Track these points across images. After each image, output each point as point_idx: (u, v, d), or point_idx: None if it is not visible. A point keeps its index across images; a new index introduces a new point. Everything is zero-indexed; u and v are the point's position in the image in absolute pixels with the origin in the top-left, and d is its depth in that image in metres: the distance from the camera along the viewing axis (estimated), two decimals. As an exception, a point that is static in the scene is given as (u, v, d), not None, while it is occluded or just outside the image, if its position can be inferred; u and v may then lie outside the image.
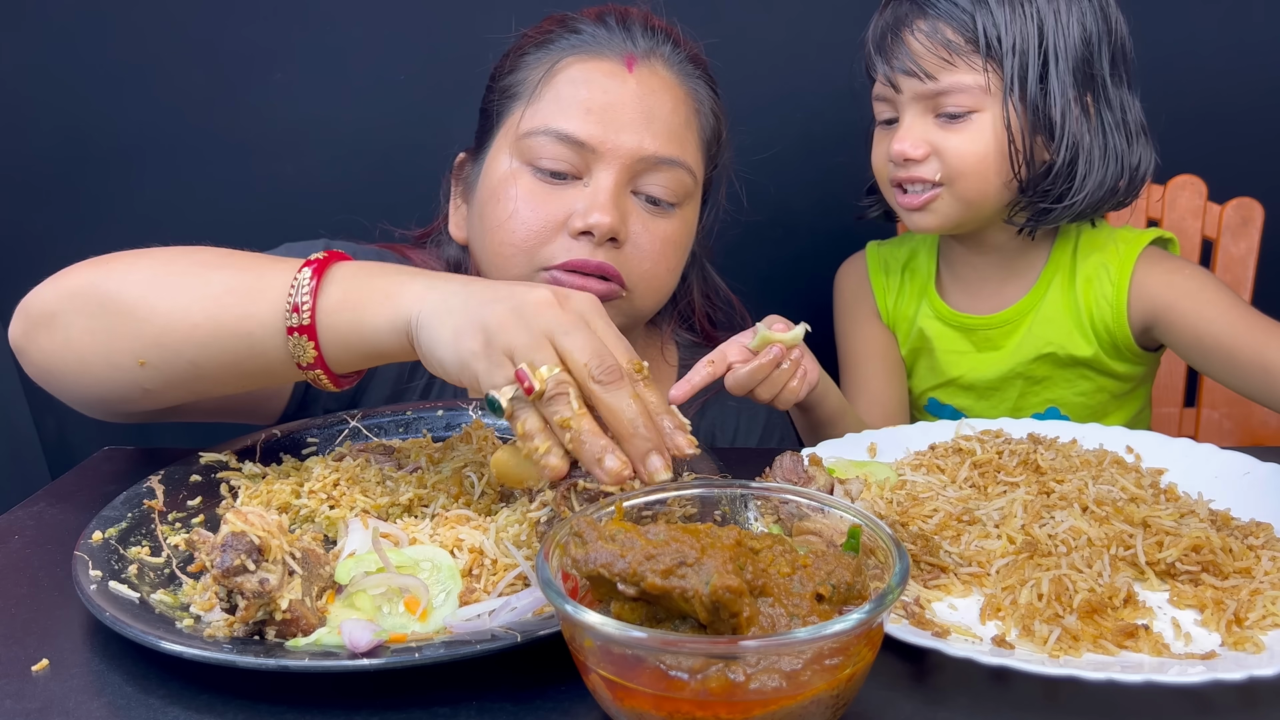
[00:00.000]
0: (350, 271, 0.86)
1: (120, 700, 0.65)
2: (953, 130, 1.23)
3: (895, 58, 1.24)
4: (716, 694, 0.53)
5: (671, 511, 0.70)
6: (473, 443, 0.98)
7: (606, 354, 0.74)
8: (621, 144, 1.09)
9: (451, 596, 0.73)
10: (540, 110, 1.12)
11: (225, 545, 0.67)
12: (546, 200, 1.10)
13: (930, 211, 1.27)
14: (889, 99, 1.28)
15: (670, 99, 1.13)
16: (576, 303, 0.78)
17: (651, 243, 1.13)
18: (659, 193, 1.13)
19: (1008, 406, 1.37)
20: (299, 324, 0.84)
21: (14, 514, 0.94)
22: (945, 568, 0.78)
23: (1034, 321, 1.34)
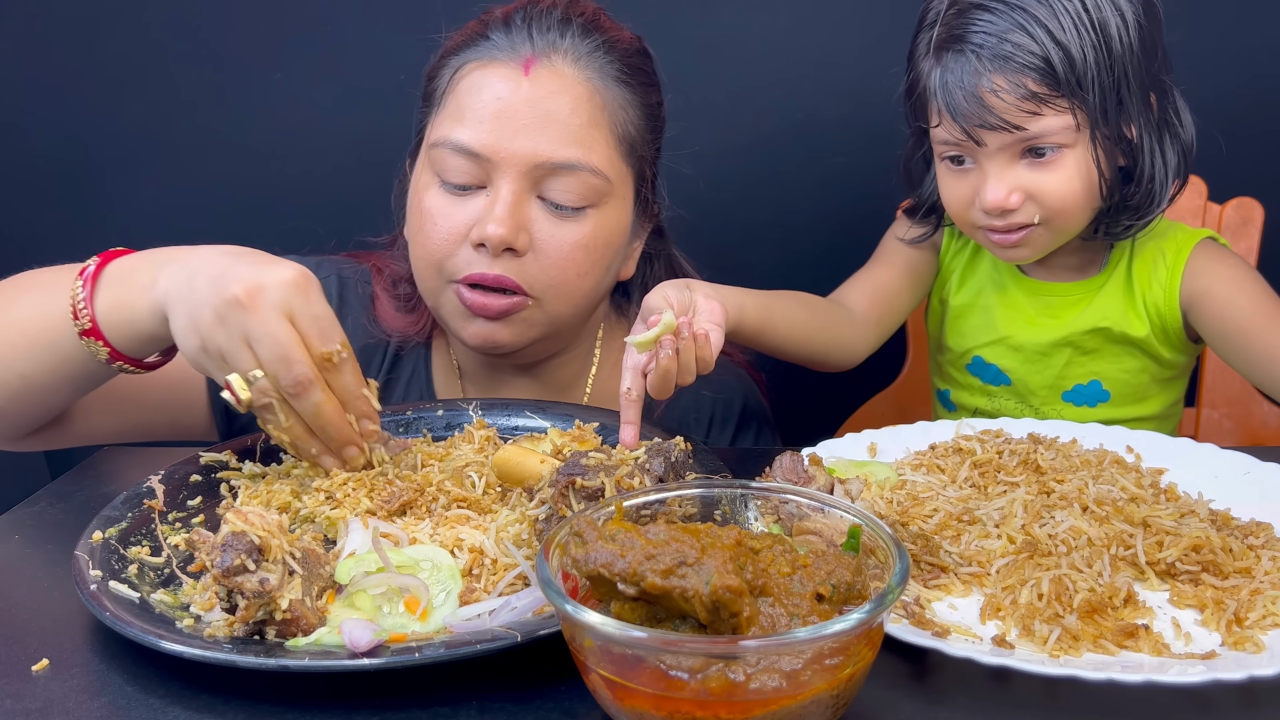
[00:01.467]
0: (120, 269, 0.93)
1: (120, 700, 0.65)
2: (1044, 170, 1.19)
3: (974, 116, 1.18)
4: (716, 694, 0.53)
5: (671, 511, 0.70)
6: (474, 442, 0.98)
7: (292, 359, 0.83)
8: (516, 151, 1.07)
9: (451, 596, 0.73)
10: (442, 120, 1.11)
11: (225, 545, 0.67)
12: (451, 212, 1.09)
13: (1026, 245, 1.25)
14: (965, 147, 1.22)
15: (570, 99, 1.09)
16: (271, 295, 0.84)
17: (559, 249, 1.09)
18: (562, 198, 1.09)
19: (1053, 373, 1.35)
20: (83, 328, 0.92)
21: (14, 514, 0.94)
22: (945, 568, 0.78)
23: (1098, 299, 1.33)
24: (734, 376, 1.31)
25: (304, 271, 0.86)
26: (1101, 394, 1.34)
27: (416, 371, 1.24)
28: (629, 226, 1.18)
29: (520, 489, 0.85)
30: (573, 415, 1.05)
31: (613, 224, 1.14)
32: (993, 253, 1.30)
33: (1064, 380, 1.35)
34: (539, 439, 0.99)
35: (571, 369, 1.26)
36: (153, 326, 0.90)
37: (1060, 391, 1.35)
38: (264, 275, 0.84)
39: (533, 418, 1.06)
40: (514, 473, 0.87)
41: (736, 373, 1.32)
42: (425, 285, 1.13)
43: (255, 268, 0.85)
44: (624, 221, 1.16)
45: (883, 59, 1.77)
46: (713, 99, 1.75)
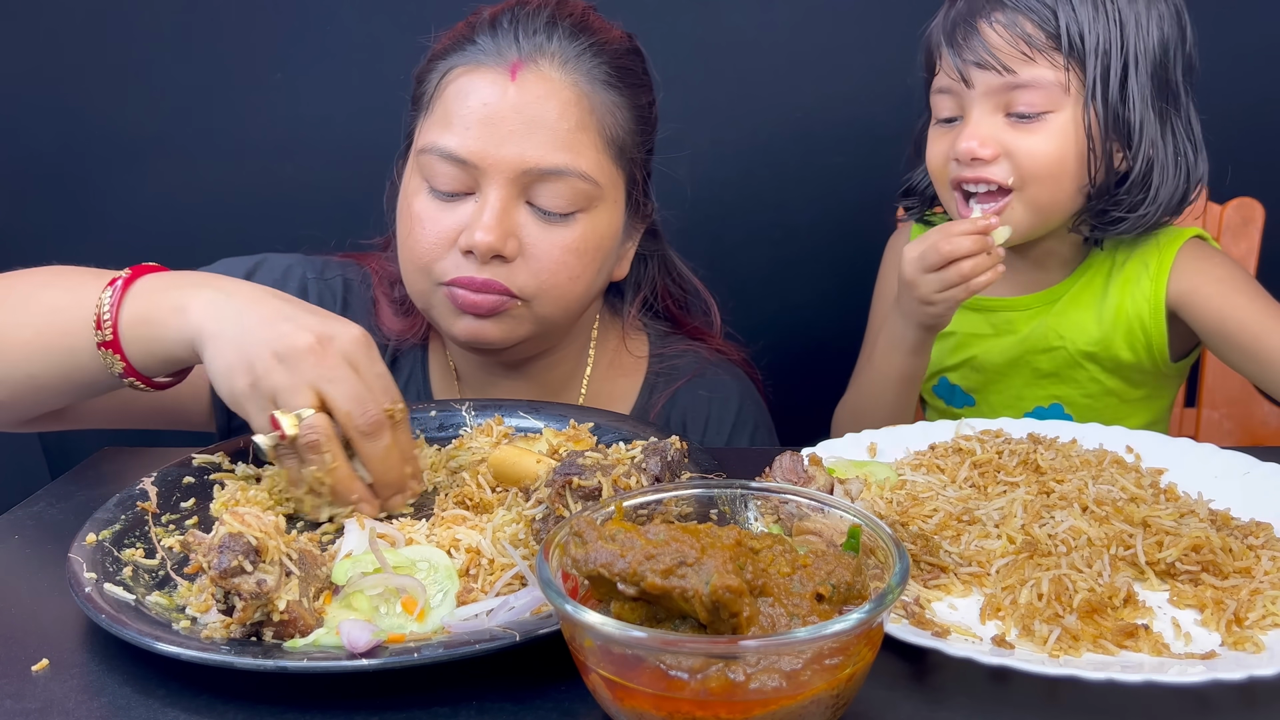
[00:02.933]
0: (150, 285, 0.92)
1: (120, 701, 0.65)
2: (1025, 130, 1.18)
3: (968, 49, 1.18)
4: (716, 694, 0.53)
5: (667, 511, 0.70)
6: (492, 435, 0.99)
7: (369, 401, 0.85)
8: (503, 158, 1.06)
9: (449, 596, 0.73)
10: (430, 126, 1.11)
11: (223, 546, 0.66)
12: (439, 218, 1.09)
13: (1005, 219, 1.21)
14: (955, 93, 1.22)
15: (557, 104, 1.08)
16: (340, 345, 0.85)
17: (549, 253, 1.09)
18: (551, 204, 1.08)
19: (1012, 394, 1.34)
20: (103, 340, 0.91)
21: (14, 514, 0.93)
22: (945, 568, 0.78)
23: (1054, 313, 1.31)
24: (731, 376, 1.30)
25: (365, 332, 0.88)
26: (1063, 418, 1.31)
27: (414, 374, 1.24)
28: (620, 229, 1.18)
29: (516, 489, 0.85)
30: (567, 415, 1.05)
31: (603, 227, 1.13)
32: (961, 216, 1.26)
33: (1023, 401, 1.33)
34: (534, 439, 0.99)
35: (565, 369, 1.26)
36: (177, 350, 0.90)
37: (1020, 414, 1.33)
38: (331, 328, 0.86)
39: (526, 418, 1.06)
40: (510, 473, 0.87)
41: (734, 372, 1.32)
42: (414, 288, 1.14)
43: (320, 319, 0.87)
44: (615, 224, 1.16)
45: (883, 59, 1.77)
46: (712, 99, 1.75)
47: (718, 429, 1.26)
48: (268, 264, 1.24)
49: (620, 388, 1.28)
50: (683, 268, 1.33)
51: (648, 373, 1.28)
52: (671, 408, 1.26)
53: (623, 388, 1.28)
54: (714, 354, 1.31)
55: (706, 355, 1.30)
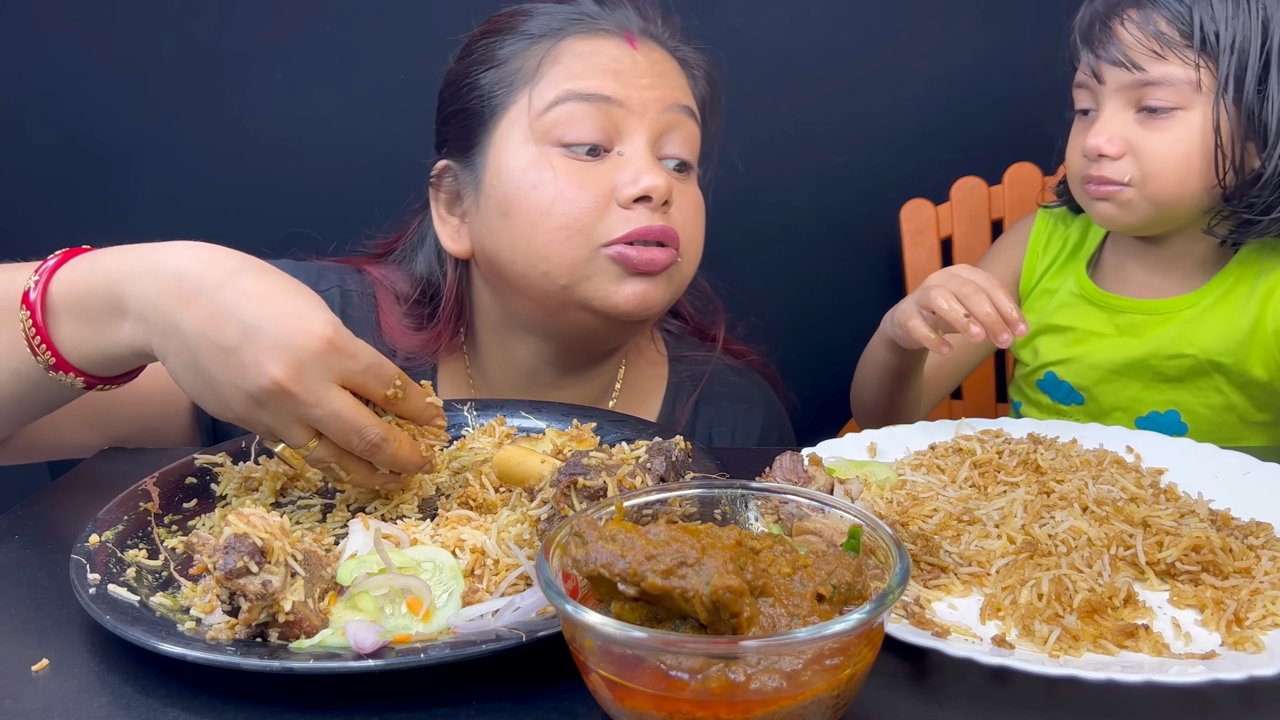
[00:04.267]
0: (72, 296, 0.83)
1: (120, 701, 0.65)
2: (1154, 127, 1.18)
3: (1102, 47, 1.19)
4: (717, 694, 0.53)
5: (672, 511, 0.70)
6: (494, 436, 0.99)
7: (361, 427, 0.78)
8: (648, 96, 1.08)
9: (454, 597, 0.73)
10: (553, 84, 1.08)
11: (228, 547, 0.66)
12: (587, 176, 1.06)
13: (1115, 204, 1.22)
14: (1089, 89, 1.23)
15: (672, 69, 1.13)
16: (313, 373, 0.76)
17: (688, 205, 1.12)
18: (680, 151, 1.11)
19: (1128, 396, 1.30)
20: (48, 365, 0.85)
21: (14, 514, 0.93)
22: (945, 568, 0.78)
23: (1187, 319, 1.27)
24: (752, 384, 1.30)
25: (328, 323, 0.77)
26: (1178, 427, 1.28)
27: None
28: None
29: (521, 489, 0.85)
30: (569, 415, 1.05)
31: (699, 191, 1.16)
32: (1089, 211, 1.28)
33: (1139, 405, 1.30)
34: (538, 439, 0.99)
35: (609, 375, 1.24)
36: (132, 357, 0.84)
37: (1134, 416, 1.30)
38: (294, 346, 0.75)
39: (528, 418, 1.06)
40: (514, 473, 0.87)
41: (754, 379, 1.31)
42: (564, 259, 1.05)
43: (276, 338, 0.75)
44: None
45: (883, 59, 1.78)
46: (712, 99, 1.75)
47: (745, 440, 1.26)
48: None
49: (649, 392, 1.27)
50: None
51: (670, 378, 1.28)
52: (696, 419, 1.25)
53: (651, 392, 1.27)
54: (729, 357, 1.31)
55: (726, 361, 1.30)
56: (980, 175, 1.77)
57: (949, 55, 1.76)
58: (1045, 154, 1.73)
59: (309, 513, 0.89)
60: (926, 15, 1.75)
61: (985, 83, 1.77)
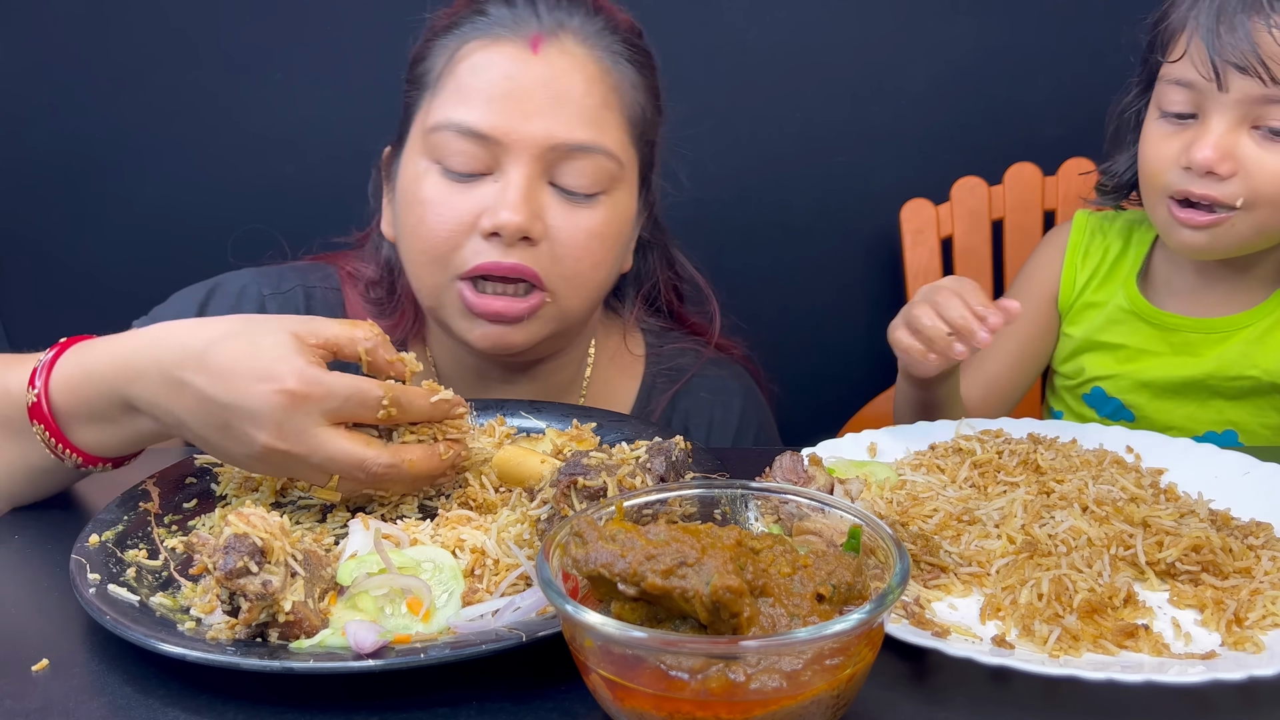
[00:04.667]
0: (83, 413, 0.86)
1: (120, 701, 0.65)
2: (1272, 148, 1.06)
3: (1232, 47, 1.03)
4: (717, 694, 0.53)
5: (672, 511, 0.70)
6: (494, 436, 0.98)
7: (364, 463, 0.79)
8: (528, 133, 1.00)
9: (454, 597, 0.73)
10: (443, 102, 1.04)
11: (228, 547, 0.66)
12: (455, 201, 1.02)
13: (1211, 234, 1.10)
14: (1197, 89, 1.08)
15: (582, 79, 1.03)
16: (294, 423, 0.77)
17: (573, 237, 1.04)
18: (577, 183, 1.03)
19: (1185, 414, 1.23)
20: (77, 464, 0.88)
21: (14, 514, 0.93)
22: (945, 568, 0.78)
23: (1248, 338, 1.19)
24: (732, 376, 1.27)
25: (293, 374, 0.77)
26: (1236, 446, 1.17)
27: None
28: (635, 214, 1.14)
29: (521, 489, 0.85)
30: (569, 415, 1.05)
31: (623, 211, 1.09)
32: (1168, 236, 1.16)
33: (1194, 424, 1.22)
34: (538, 439, 0.99)
35: (567, 373, 1.22)
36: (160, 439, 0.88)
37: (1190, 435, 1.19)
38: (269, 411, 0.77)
39: (528, 418, 1.06)
40: (514, 473, 0.87)
41: (734, 371, 1.28)
42: (425, 283, 1.07)
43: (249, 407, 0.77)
44: (632, 209, 1.12)
45: (883, 59, 1.78)
46: (712, 99, 1.75)
47: (721, 432, 1.24)
48: (221, 289, 1.18)
49: (620, 389, 1.24)
50: (684, 260, 1.29)
51: (645, 373, 1.25)
52: (672, 411, 1.22)
53: (622, 389, 1.24)
54: (713, 351, 1.27)
55: (706, 353, 1.26)
56: (981, 175, 1.76)
57: (949, 55, 1.76)
58: (1046, 154, 1.73)
59: (309, 513, 0.89)
60: (926, 15, 1.75)
61: (985, 83, 1.77)
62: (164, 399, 0.81)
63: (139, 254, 1.81)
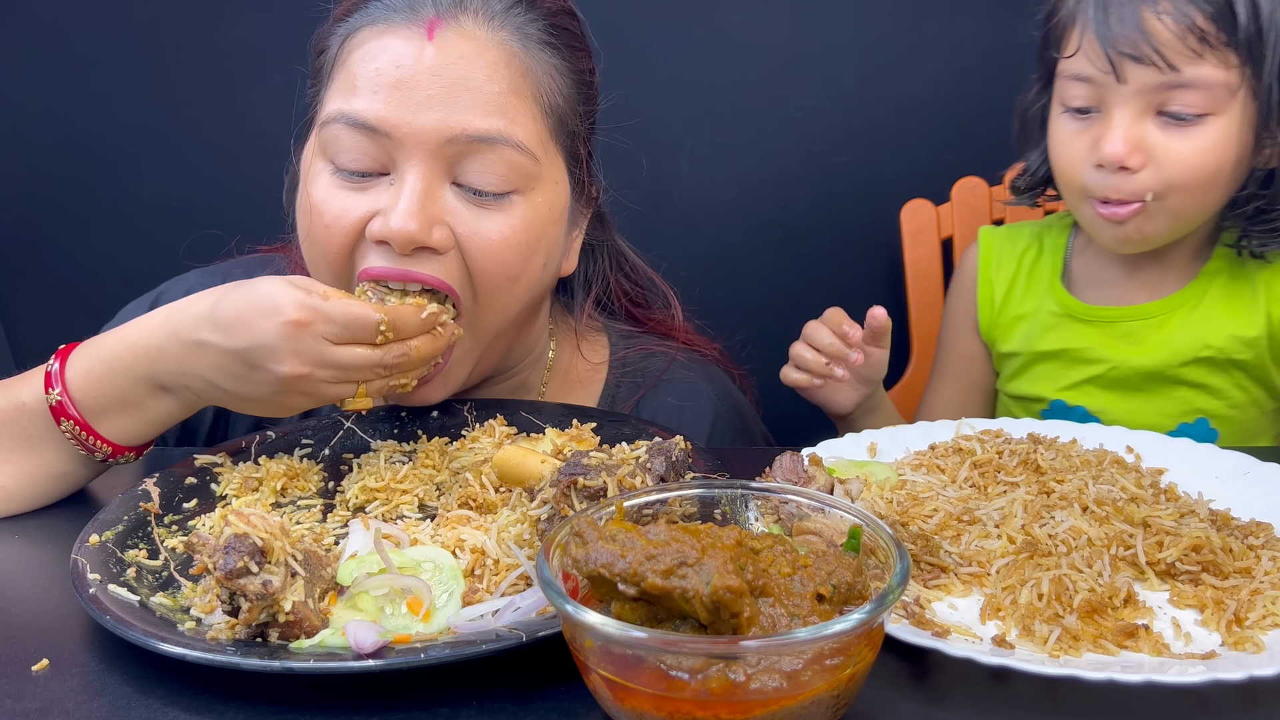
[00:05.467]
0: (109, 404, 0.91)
1: (120, 700, 0.65)
2: (1177, 135, 1.04)
3: (1125, 39, 1.02)
4: (717, 694, 0.53)
5: (672, 511, 0.70)
6: (494, 436, 0.98)
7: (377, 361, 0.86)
8: (421, 126, 0.90)
9: (454, 597, 0.73)
10: (333, 94, 0.96)
11: (228, 547, 0.66)
12: (345, 204, 0.94)
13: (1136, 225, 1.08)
14: (1097, 84, 1.07)
15: (485, 64, 0.93)
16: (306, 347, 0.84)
17: (489, 243, 0.94)
18: (483, 181, 0.93)
19: (1153, 409, 1.20)
20: (105, 455, 0.93)
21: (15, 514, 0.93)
22: (945, 568, 0.78)
23: (1188, 319, 1.18)
24: (704, 378, 1.18)
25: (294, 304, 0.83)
26: (1209, 434, 1.19)
27: None
28: (564, 214, 1.03)
29: (521, 489, 0.85)
30: (569, 415, 1.05)
31: (544, 211, 0.98)
32: (1097, 235, 1.15)
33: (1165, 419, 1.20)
34: (538, 439, 0.99)
35: (518, 379, 1.14)
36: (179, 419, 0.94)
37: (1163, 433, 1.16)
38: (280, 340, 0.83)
39: (529, 418, 1.05)
40: (515, 473, 0.87)
41: (707, 373, 1.19)
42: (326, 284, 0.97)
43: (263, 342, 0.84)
44: (558, 209, 1.01)
45: (883, 59, 1.78)
46: (712, 99, 1.75)
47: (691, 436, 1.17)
48: (167, 295, 1.14)
49: (578, 398, 1.17)
50: (635, 259, 1.21)
51: (608, 380, 1.17)
52: (639, 414, 1.14)
53: (580, 398, 1.17)
54: (685, 352, 1.19)
55: (676, 355, 1.18)
56: (981, 175, 1.76)
57: (950, 55, 1.76)
58: (1045, 154, 1.73)
59: (309, 513, 0.89)
60: (927, 15, 1.75)
61: (986, 83, 1.76)
62: (189, 364, 0.87)
63: (140, 254, 1.81)
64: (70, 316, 1.70)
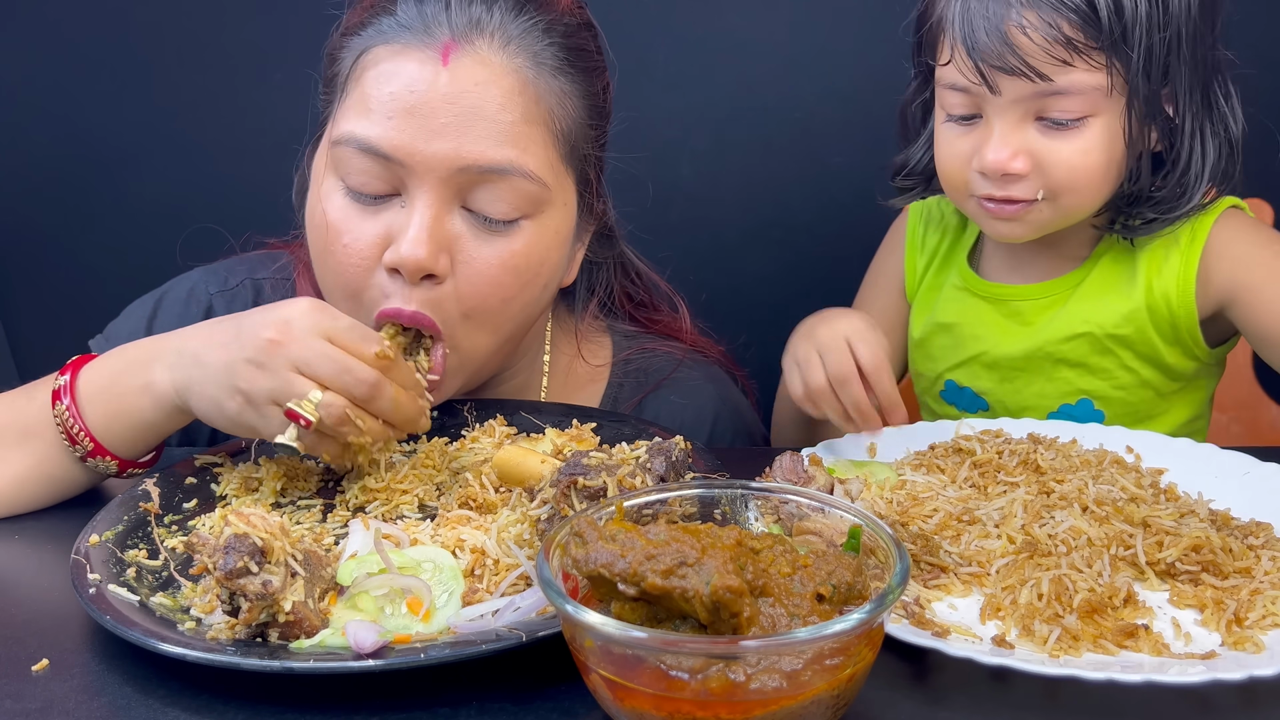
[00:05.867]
0: (99, 382, 0.91)
1: (120, 700, 0.65)
2: (1059, 138, 1.04)
3: (993, 53, 1.01)
4: (717, 694, 0.53)
5: (672, 511, 0.70)
6: (494, 436, 0.98)
7: (353, 367, 0.83)
8: (433, 155, 0.91)
9: (454, 597, 0.73)
10: (346, 112, 0.95)
11: (228, 547, 0.66)
12: (361, 227, 0.94)
13: (1021, 221, 1.09)
14: (971, 93, 1.06)
15: (499, 92, 0.93)
16: (299, 323, 0.83)
17: (487, 268, 0.94)
18: (492, 209, 0.94)
19: (1034, 391, 1.21)
20: (86, 451, 0.91)
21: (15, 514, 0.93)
22: (945, 568, 0.78)
23: (1075, 297, 1.18)
24: (706, 379, 1.19)
25: (309, 299, 0.86)
26: (1094, 414, 1.20)
27: None
28: (570, 235, 1.04)
29: (521, 489, 0.85)
30: (569, 415, 1.05)
31: (550, 236, 0.99)
32: (983, 227, 1.16)
33: (1046, 400, 1.21)
34: (538, 439, 0.99)
35: (517, 381, 1.14)
36: (162, 423, 0.91)
37: (1045, 414, 1.19)
38: (282, 312, 0.84)
39: (529, 418, 1.05)
40: (515, 473, 0.87)
41: (710, 373, 1.20)
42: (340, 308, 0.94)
43: (266, 312, 0.85)
44: (564, 231, 1.02)
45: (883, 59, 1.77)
46: (712, 99, 1.75)
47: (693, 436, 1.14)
48: (171, 294, 1.15)
49: (580, 398, 1.17)
50: (641, 266, 1.21)
51: (610, 381, 1.17)
52: (640, 414, 1.14)
53: (583, 398, 1.17)
54: (688, 352, 1.20)
55: (679, 355, 1.19)
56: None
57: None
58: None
59: (309, 513, 0.89)
60: (927, 15, 1.75)
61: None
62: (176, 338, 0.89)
63: (140, 254, 1.81)
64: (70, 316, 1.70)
